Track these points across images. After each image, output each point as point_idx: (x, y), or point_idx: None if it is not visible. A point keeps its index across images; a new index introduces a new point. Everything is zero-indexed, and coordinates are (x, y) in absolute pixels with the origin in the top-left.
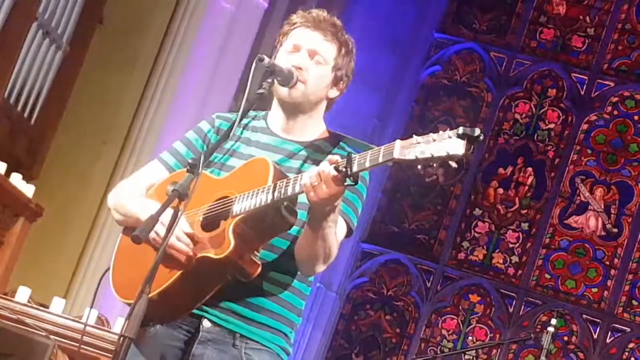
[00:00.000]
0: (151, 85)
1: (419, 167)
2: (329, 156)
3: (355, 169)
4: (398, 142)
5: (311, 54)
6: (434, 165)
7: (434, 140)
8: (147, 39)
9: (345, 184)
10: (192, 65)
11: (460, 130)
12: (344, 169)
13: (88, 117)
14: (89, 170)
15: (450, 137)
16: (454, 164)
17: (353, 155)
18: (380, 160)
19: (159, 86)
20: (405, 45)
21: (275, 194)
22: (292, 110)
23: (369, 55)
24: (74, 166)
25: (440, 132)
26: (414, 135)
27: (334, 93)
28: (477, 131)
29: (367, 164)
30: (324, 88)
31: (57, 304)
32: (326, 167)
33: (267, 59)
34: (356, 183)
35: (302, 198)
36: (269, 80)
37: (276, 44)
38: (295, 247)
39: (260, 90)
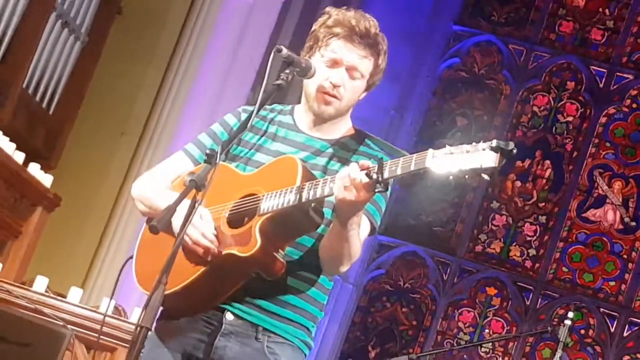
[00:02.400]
0: (169, 76)
1: (450, 177)
2: (361, 161)
3: (386, 175)
4: (430, 152)
5: (349, 71)
6: (466, 177)
7: (467, 152)
8: (165, 30)
9: (376, 190)
10: (209, 56)
11: (494, 143)
12: (375, 175)
13: (106, 107)
14: (107, 160)
15: (484, 150)
16: (486, 177)
17: (384, 162)
18: (412, 168)
19: (177, 77)
20: (423, 38)
21: (304, 195)
22: (323, 119)
23: (388, 48)
24: (92, 156)
25: (474, 143)
26: (446, 145)
27: (363, 95)
28: (511, 145)
29: (399, 172)
30: (357, 98)
31: (75, 294)
32: (357, 174)
33: (284, 50)
34: (386, 190)
35: (329, 197)
36: (287, 71)
37: (312, 43)
38: (320, 247)
39: (278, 82)
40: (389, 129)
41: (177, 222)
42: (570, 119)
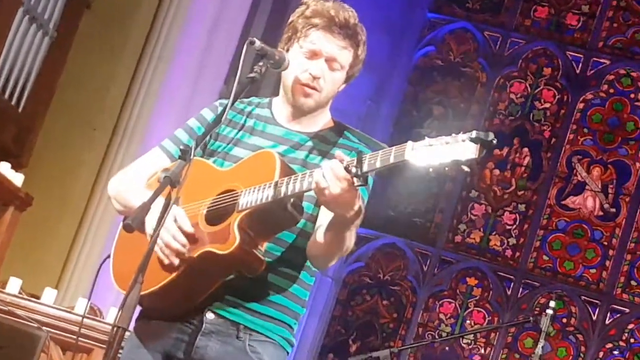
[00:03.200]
0: (140, 70)
1: (430, 169)
2: (337, 152)
3: (365, 168)
4: (410, 144)
5: (329, 62)
6: (446, 168)
7: (447, 144)
8: (136, 23)
9: (355, 184)
10: (182, 49)
11: (474, 134)
12: (354, 169)
13: (77, 103)
14: (80, 157)
15: (463, 141)
16: (466, 168)
17: (363, 155)
18: (392, 161)
19: (149, 71)
20: (398, 26)
21: (282, 190)
22: (303, 112)
23: None
24: (64, 154)
25: (453, 135)
26: (426, 137)
27: (342, 87)
28: (491, 135)
29: (378, 165)
30: (336, 89)
31: (49, 295)
32: (336, 166)
33: (258, 42)
34: (366, 183)
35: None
36: (261, 63)
37: (290, 34)
38: (310, 244)
39: (252, 74)
40: (365, 119)
41: (150, 220)
42: (547, 105)
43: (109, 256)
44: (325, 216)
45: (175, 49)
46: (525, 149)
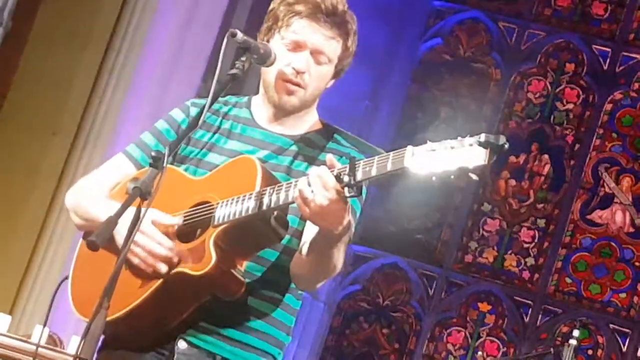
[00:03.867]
0: (106, 65)
1: (433, 178)
2: (328, 156)
3: (359, 177)
4: (410, 149)
5: (315, 55)
6: (452, 177)
7: (452, 148)
8: (101, 12)
9: (347, 195)
10: (153, 41)
11: (483, 137)
12: (346, 178)
13: (34, 104)
14: (37, 165)
15: (471, 145)
16: (474, 177)
17: (357, 161)
18: (389, 168)
19: (116, 66)
20: (400, 15)
21: (265, 201)
22: (287, 112)
23: (358, 27)
24: (18, 161)
25: (459, 138)
26: (428, 141)
27: (331, 83)
28: (502, 139)
29: (374, 173)
30: (324, 85)
31: (2, 321)
32: (324, 174)
33: (240, 34)
34: (360, 194)
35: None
36: (243, 58)
37: (270, 23)
38: (293, 262)
39: (233, 71)
40: (362, 122)
41: (120, 235)
42: (570, 106)
43: (67, 277)
44: (311, 231)
45: (147, 41)
46: (545, 156)
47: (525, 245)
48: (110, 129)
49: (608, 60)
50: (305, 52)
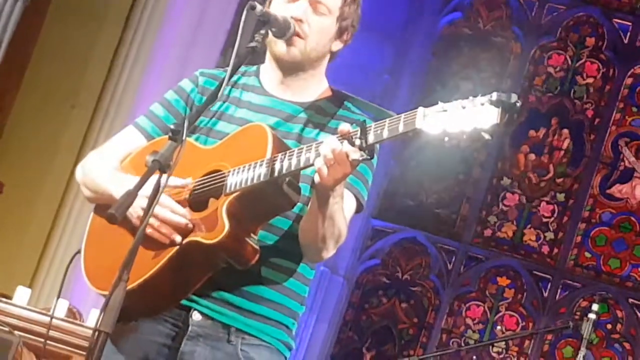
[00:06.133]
0: (126, 39)
1: (446, 139)
2: (340, 126)
3: (371, 140)
4: (421, 110)
5: (313, 4)
6: (464, 137)
7: (464, 108)
8: None
9: (360, 158)
10: (172, 14)
11: (494, 96)
12: (358, 141)
13: (53, 77)
14: (56, 139)
15: (482, 105)
16: (487, 136)
17: (368, 125)
18: (401, 130)
19: (135, 40)
20: None
21: (276, 168)
22: (290, 68)
23: (378, 3)
24: (38, 135)
25: (471, 97)
26: (439, 102)
27: (337, 46)
28: (514, 97)
29: (386, 135)
30: (326, 42)
31: (22, 295)
32: (336, 144)
33: (259, 7)
34: (372, 157)
35: (305, 170)
36: (262, 31)
37: None
38: (299, 230)
39: (253, 44)
40: (382, 96)
41: (132, 208)
42: (590, 80)
43: (79, 251)
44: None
45: (166, 14)
46: (565, 131)
47: (545, 220)
48: (129, 102)
49: (629, 34)
50: (303, 1)
